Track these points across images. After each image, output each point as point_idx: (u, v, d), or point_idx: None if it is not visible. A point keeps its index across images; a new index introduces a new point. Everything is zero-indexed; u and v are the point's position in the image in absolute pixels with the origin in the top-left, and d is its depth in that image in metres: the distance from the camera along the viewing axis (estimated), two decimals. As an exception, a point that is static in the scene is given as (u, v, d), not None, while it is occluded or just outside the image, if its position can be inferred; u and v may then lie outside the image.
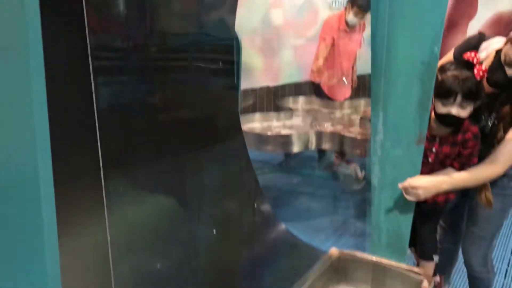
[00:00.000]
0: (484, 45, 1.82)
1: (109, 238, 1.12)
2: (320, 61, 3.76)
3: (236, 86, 2.38)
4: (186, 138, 1.69)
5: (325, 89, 3.91)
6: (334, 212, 3.58)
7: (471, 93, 1.60)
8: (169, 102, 1.62)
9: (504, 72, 1.67)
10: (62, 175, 1.17)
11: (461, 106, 1.62)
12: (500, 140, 1.71)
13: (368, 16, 3.57)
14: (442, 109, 1.64)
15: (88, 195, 1.23)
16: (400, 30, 1.46)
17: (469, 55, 1.75)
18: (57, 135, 1.01)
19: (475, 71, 1.67)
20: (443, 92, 1.62)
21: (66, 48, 1.17)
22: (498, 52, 1.71)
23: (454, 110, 1.62)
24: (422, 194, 1.60)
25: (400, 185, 1.61)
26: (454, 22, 3.50)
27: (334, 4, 5.06)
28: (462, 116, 1.63)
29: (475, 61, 1.72)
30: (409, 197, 1.62)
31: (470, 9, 3.59)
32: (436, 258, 2.03)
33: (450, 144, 1.78)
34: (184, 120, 1.68)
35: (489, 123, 1.81)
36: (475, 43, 1.86)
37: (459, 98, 1.60)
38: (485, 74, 1.70)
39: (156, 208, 1.48)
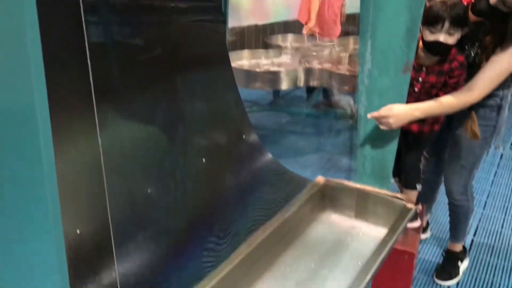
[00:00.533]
0: None
1: (103, 162, 1.15)
2: (313, 21, 3.69)
3: (224, 21, 2.34)
4: (176, 69, 1.69)
5: (317, 34, 3.87)
6: (322, 149, 3.64)
7: (459, 19, 1.60)
8: (158, 36, 1.60)
9: (487, 1, 1.67)
10: (56, 101, 1.18)
11: (449, 33, 1.62)
12: None
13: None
14: (429, 37, 1.65)
15: (81, 121, 1.25)
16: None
17: None
18: (51, 64, 1.01)
19: None
20: (431, 19, 1.62)
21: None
22: None
23: (442, 37, 1.63)
24: (394, 123, 1.59)
25: (369, 115, 1.62)
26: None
27: None
28: (450, 43, 1.64)
29: None
30: (382, 127, 1.63)
31: None
32: (419, 187, 2.10)
33: (436, 74, 1.80)
34: (173, 52, 1.67)
35: (472, 53, 1.82)
36: None
37: (446, 24, 1.61)
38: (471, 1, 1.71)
39: (147, 136, 1.50)
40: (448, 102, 1.72)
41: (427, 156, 2.25)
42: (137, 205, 1.44)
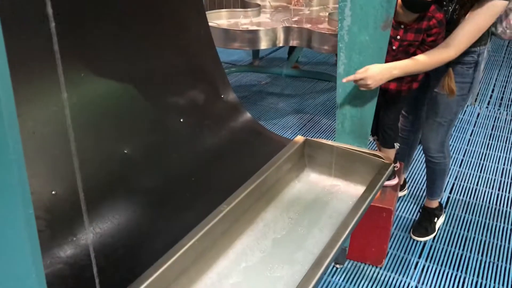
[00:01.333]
0: None
1: (69, 120, 1.11)
2: None
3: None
4: (151, 25, 1.63)
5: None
6: (301, 111, 3.63)
7: None
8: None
9: None
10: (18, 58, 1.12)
11: None
12: None
13: None
14: None
15: (47, 78, 1.20)
16: None
17: None
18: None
19: None
20: None
21: None
22: None
23: None
24: (372, 84, 1.58)
25: (344, 80, 1.60)
26: None
27: None
28: None
29: None
30: (361, 88, 1.62)
31: None
32: (397, 146, 2.12)
33: (414, 31, 1.78)
34: (149, 8, 1.61)
35: (450, 9, 1.81)
36: None
37: None
38: None
39: (122, 93, 1.46)
40: (425, 60, 1.71)
41: (405, 115, 2.26)
42: (113, 164, 1.42)
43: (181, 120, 1.65)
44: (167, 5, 1.69)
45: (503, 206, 2.56)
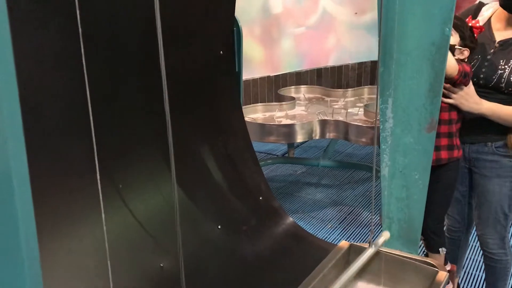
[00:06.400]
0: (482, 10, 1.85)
1: (107, 242, 1.07)
2: None
3: (238, 75, 2.29)
4: (188, 131, 1.63)
5: None
6: (340, 202, 3.53)
7: None
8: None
9: None
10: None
11: None
12: None
13: None
14: None
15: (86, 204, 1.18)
16: (410, 12, 1.39)
17: (474, 22, 1.77)
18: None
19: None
20: None
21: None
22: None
23: None
24: (464, 103, 1.72)
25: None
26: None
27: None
28: None
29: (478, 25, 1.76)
30: (450, 101, 1.75)
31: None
32: (442, 252, 1.96)
33: None
34: (185, 110, 1.62)
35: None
36: (474, 10, 1.88)
37: None
38: None
39: (159, 207, 1.43)
40: None
41: (450, 214, 2.13)
42: (150, 279, 1.35)
43: (219, 227, 1.59)
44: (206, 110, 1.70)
45: None
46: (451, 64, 1.69)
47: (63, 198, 1.16)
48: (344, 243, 1.67)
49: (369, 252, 1.48)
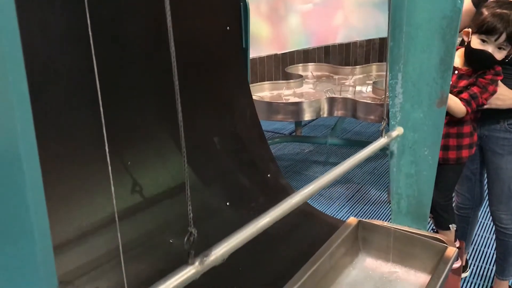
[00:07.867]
0: None
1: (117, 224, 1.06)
2: None
3: (245, 52, 2.26)
4: (196, 108, 1.62)
5: None
6: (348, 180, 3.52)
7: None
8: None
9: None
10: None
11: (500, 47, 1.57)
12: None
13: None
14: (479, 46, 1.59)
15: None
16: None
17: None
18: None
19: None
20: (486, 29, 1.57)
21: None
22: None
23: (491, 49, 1.57)
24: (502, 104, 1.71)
25: None
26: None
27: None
28: (497, 58, 1.59)
29: None
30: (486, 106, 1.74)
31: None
32: (453, 228, 1.96)
33: (468, 78, 1.72)
34: (193, 88, 1.60)
35: None
36: None
37: (502, 38, 1.55)
38: None
39: (170, 181, 1.43)
40: None
41: (459, 192, 2.11)
42: (159, 255, 1.36)
43: (227, 203, 1.59)
44: (213, 88, 1.69)
45: None
46: (456, 110, 1.69)
47: (71, 175, 1.16)
48: (352, 219, 1.67)
49: (381, 141, 1.40)
